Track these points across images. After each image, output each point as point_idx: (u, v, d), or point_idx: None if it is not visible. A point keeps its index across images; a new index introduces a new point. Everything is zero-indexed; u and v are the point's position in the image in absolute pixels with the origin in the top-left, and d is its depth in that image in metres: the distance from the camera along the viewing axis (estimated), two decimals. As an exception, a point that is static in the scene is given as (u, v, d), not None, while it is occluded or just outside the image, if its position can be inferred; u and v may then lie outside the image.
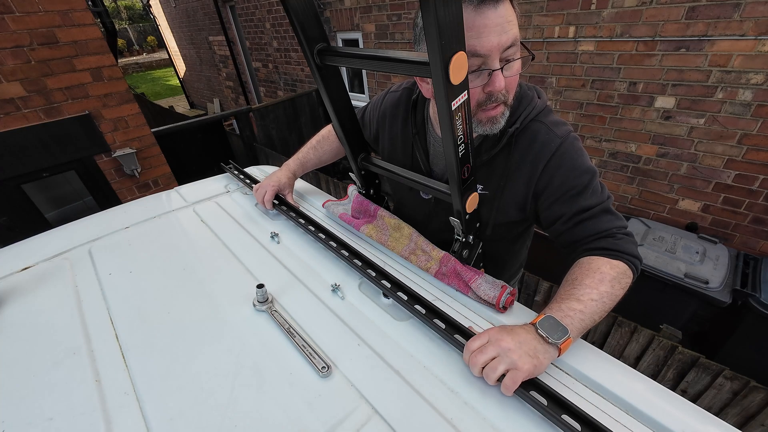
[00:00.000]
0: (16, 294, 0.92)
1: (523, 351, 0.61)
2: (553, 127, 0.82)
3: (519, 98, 0.84)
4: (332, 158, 1.31)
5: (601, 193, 0.81)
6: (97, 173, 2.85)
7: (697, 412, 0.60)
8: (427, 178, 0.93)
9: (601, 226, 0.79)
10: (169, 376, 0.69)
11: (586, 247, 0.79)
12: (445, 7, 0.52)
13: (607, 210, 0.80)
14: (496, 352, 0.62)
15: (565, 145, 0.80)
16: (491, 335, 0.65)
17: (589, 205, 0.79)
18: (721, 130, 2.29)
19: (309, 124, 5.04)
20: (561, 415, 0.57)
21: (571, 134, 0.82)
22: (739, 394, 1.54)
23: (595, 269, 0.73)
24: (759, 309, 1.89)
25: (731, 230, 2.47)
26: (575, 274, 0.75)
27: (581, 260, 0.77)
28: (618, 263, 0.74)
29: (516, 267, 1.20)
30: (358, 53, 0.75)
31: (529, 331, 0.65)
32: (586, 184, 0.80)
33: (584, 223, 0.80)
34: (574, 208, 0.80)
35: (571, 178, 0.80)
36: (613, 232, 0.78)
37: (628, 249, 0.76)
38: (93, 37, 2.58)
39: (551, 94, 2.94)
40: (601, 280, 0.71)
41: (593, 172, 0.81)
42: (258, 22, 5.92)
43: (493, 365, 0.61)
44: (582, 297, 0.69)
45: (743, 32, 2.03)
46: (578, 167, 0.80)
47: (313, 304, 0.84)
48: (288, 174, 1.23)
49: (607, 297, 0.70)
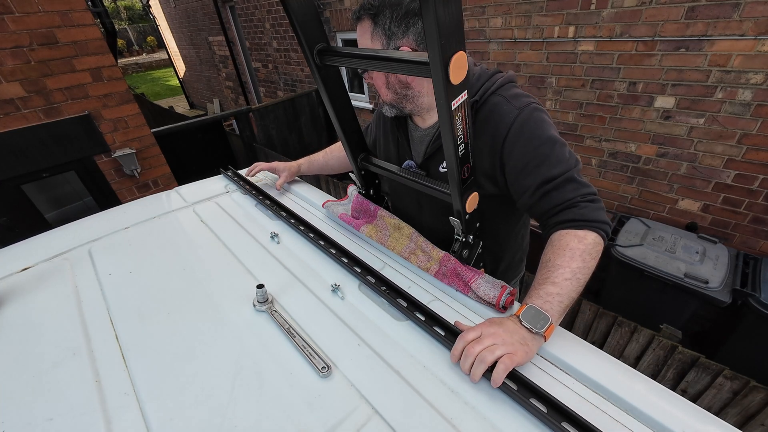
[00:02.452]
0: (16, 294, 0.92)
1: (515, 340, 0.65)
2: (512, 100, 0.83)
3: (478, 75, 0.88)
4: (338, 166, 1.37)
5: (567, 161, 0.81)
6: (96, 173, 2.85)
7: (697, 411, 0.60)
8: (427, 178, 0.93)
9: (565, 195, 0.79)
10: (169, 376, 0.69)
11: (554, 221, 0.81)
12: (445, 7, 0.52)
13: (571, 179, 0.80)
14: (492, 341, 0.64)
15: (523, 116, 0.81)
16: (484, 329, 0.67)
17: (553, 175, 0.80)
18: (720, 130, 2.29)
19: (309, 124, 5.04)
20: (561, 422, 0.57)
21: (530, 105, 0.83)
22: (739, 394, 1.54)
23: (564, 246, 0.75)
24: (759, 309, 1.89)
25: (731, 230, 2.47)
26: (548, 254, 0.77)
27: (551, 238, 0.79)
28: (585, 233, 0.76)
29: (515, 249, 1.15)
30: (358, 53, 0.75)
31: (515, 321, 0.68)
32: (548, 154, 0.80)
33: (549, 194, 0.80)
34: (537, 179, 0.81)
35: (530, 149, 0.81)
36: (577, 200, 0.78)
37: (592, 216, 0.77)
38: (93, 37, 2.58)
39: (551, 94, 2.95)
40: (572, 257, 0.73)
41: (554, 141, 0.81)
42: (258, 23, 5.92)
43: (491, 349, 0.63)
44: (556, 279, 0.72)
45: (743, 32, 2.03)
46: (538, 137, 0.81)
47: (313, 305, 0.84)
48: (293, 163, 1.30)
49: (581, 272, 0.72)
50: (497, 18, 2.99)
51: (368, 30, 0.83)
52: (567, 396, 0.62)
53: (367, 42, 0.85)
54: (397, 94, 0.91)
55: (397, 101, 0.92)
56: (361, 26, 0.84)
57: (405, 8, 0.79)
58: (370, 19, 0.82)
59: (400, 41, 0.81)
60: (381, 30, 0.81)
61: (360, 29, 0.85)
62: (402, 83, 0.88)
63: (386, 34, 0.81)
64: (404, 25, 0.80)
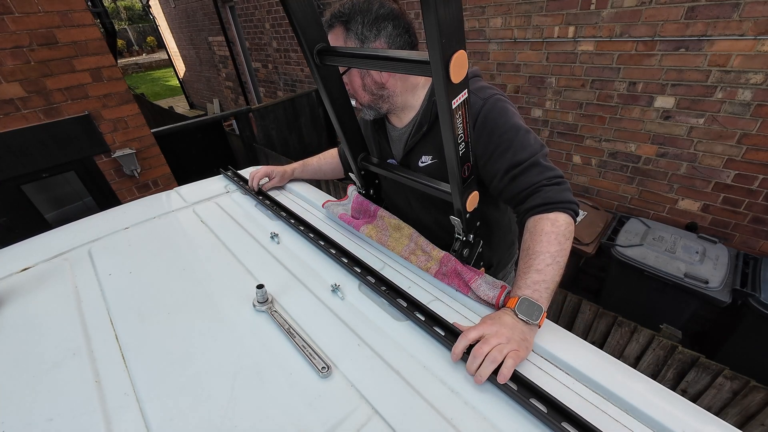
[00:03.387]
0: (15, 295, 0.92)
1: (517, 336, 0.67)
2: (477, 92, 0.88)
3: None
4: (331, 172, 1.39)
5: (532, 147, 0.85)
6: (96, 174, 2.85)
7: (697, 411, 0.60)
8: (427, 177, 0.93)
9: (531, 179, 0.84)
10: (169, 376, 0.69)
11: (525, 207, 0.85)
12: (446, 7, 0.52)
13: (536, 163, 0.84)
14: (497, 341, 0.65)
15: (487, 106, 0.86)
16: (485, 328, 0.68)
17: (518, 161, 0.84)
18: (720, 130, 2.29)
19: (309, 124, 5.04)
20: (561, 422, 0.57)
21: (494, 96, 0.88)
22: (739, 394, 1.54)
23: (540, 232, 0.79)
24: (759, 309, 1.89)
25: (731, 230, 2.47)
26: (527, 242, 0.81)
27: (527, 225, 0.84)
28: (557, 216, 0.80)
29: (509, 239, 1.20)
30: (358, 53, 0.75)
31: (511, 316, 0.70)
32: (512, 139, 0.85)
33: (517, 178, 0.85)
34: (504, 164, 0.86)
35: (495, 136, 0.86)
36: (543, 184, 0.83)
37: (559, 197, 0.81)
38: (92, 37, 2.58)
39: (551, 94, 2.95)
40: (549, 242, 0.77)
41: (518, 128, 0.86)
42: (257, 23, 5.92)
43: (499, 348, 0.64)
44: (539, 266, 0.76)
45: (742, 32, 2.03)
46: (501, 125, 0.86)
47: (313, 305, 0.84)
48: (286, 167, 1.30)
49: (559, 255, 0.77)
50: (497, 18, 2.99)
51: (341, 35, 0.89)
52: (567, 396, 0.62)
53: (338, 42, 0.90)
54: (373, 95, 0.96)
55: (373, 102, 0.98)
56: (334, 33, 0.90)
57: (375, 14, 0.86)
58: (342, 25, 0.88)
59: (373, 44, 0.88)
60: (354, 35, 0.88)
61: (333, 36, 0.90)
62: (377, 84, 0.94)
63: (359, 38, 0.88)
64: (375, 29, 0.87)
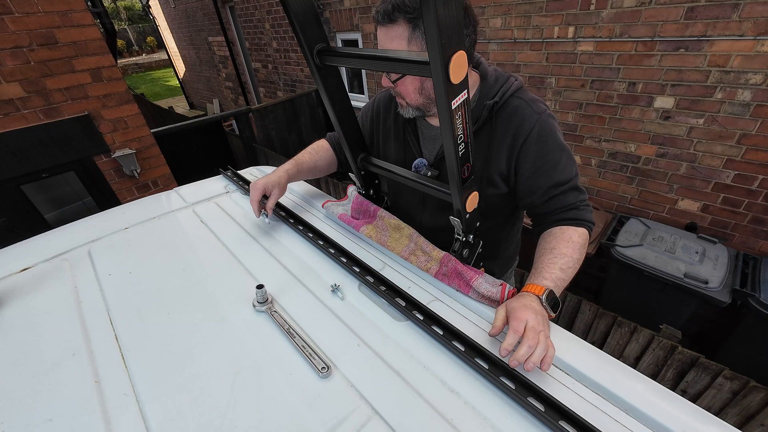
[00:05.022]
0: (15, 295, 0.92)
1: (547, 327, 0.70)
2: (531, 104, 0.91)
3: (495, 77, 0.94)
4: (326, 167, 1.27)
5: (570, 170, 0.91)
6: (96, 174, 2.85)
7: (697, 412, 0.60)
8: (427, 178, 0.94)
9: (568, 201, 0.92)
10: (168, 376, 0.69)
11: (556, 218, 0.92)
12: (445, 7, 0.52)
13: (575, 187, 0.92)
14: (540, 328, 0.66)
15: (541, 122, 0.89)
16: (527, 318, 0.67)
17: (560, 181, 0.90)
18: (720, 130, 2.30)
19: (309, 124, 5.04)
20: (558, 421, 0.57)
21: (546, 111, 0.91)
22: (738, 394, 1.54)
23: (568, 238, 0.87)
24: (758, 309, 1.89)
25: (731, 230, 2.47)
26: (552, 243, 0.87)
27: (554, 230, 0.90)
28: (583, 230, 0.90)
29: (511, 251, 1.23)
30: (357, 53, 0.75)
31: (538, 303, 0.73)
32: (558, 160, 0.90)
33: (557, 197, 0.92)
34: (548, 182, 0.90)
35: (545, 153, 0.89)
36: (578, 204, 0.92)
37: (587, 217, 0.92)
38: (92, 37, 2.58)
39: (551, 94, 2.95)
40: (575, 249, 0.85)
41: (563, 149, 0.91)
42: (257, 23, 5.92)
43: (544, 335, 0.66)
44: (564, 266, 0.82)
45: (742, 32, 2.03)
46: (551, 144, 0.89)
47: (312, 305, 0.84)
48: (279, 173, 1.14)
49: (578, 264, 0.85)
50: (497, 18, 2.99)
51: (404, 34, 0.76)
52: (567, 396, 0.62)
53: (398, 46, 0.78)
54: (428, 99, 0.91)
55: (425, 105, 0.93)
56: (393, 29, 0.77)
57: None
58: (407, 22, 0.75)
59: None
60: (422, 34, 0.76)
61: (390, 32, 0.77)
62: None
63: None
64: None
